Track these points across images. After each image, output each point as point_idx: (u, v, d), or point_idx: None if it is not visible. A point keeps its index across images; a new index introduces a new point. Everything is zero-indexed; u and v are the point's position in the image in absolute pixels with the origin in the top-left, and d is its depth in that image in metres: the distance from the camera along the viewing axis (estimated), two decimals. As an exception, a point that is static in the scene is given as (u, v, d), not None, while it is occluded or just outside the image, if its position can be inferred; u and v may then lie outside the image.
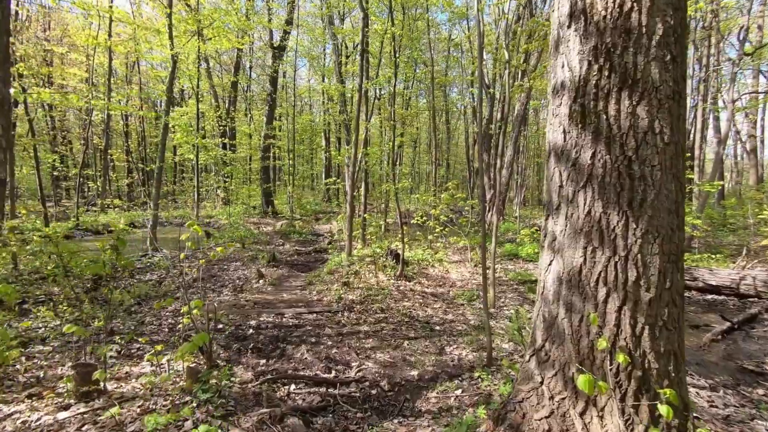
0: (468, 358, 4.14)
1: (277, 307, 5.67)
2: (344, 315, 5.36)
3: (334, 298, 5.91)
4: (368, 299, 5.87)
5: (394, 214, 17.70)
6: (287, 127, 22.46)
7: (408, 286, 6.76)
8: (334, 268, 7.19)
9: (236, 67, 20.76)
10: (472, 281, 7.47)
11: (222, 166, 13.87)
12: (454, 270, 8.26)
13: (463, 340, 4.64)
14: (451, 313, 5.69)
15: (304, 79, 30.46)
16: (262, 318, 5.17)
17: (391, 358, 4.13)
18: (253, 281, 7.17)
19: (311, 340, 4.50)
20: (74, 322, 4.25)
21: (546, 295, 2.20)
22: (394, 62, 6.66)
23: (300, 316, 5.31)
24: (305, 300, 6.03)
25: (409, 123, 18.12)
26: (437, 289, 6.80)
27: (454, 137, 32.55)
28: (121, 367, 3.44)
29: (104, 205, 15.94)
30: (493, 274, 5.80)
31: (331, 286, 6.44)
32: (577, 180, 2.03)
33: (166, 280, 7.25)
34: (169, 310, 5.55)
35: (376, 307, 5.54)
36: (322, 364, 3.88)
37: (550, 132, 2.22)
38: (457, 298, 6.33)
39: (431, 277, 7.50)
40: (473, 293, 6.47)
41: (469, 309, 5.89)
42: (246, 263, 8.77)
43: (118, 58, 24.76)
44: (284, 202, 21.25)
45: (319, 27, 21.88)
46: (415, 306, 5.83)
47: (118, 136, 25.91)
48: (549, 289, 2.18)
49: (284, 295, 6.26)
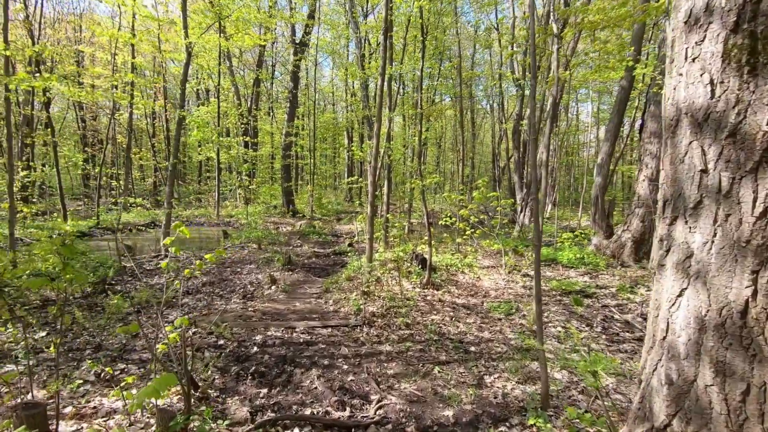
0: (515, 393, 3.34)
1: (288, 318, 5.02)
2: (363, 330, 4.65)
3: (352, 310, 5.21)
4: (391, 311, 5.14)
5: (417, 215, 16.92)
6: (309, 126, 22.06)
7: (436, 295, 5.99)
8: (353, 274, 6.50)
9: (259, 64, 20.48)
10: (507, 290, 6.62)
11: (242, 165, 13.47)
12: (486, 277, 7.42)
13: (505, 367, 3.84)
14: (487, 329, 4.89)
15: (327, 77, 30.08)
16: (269, 332, 4.52)
17: (418, 389, 3.39)
18: (265, 287, 6.57)
19: (324, 363, 3.81)
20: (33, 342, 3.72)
21: (673, 345, 1.40)
22: (421, 41, 5.90)
23: (313, 330, 4.63)
24: (320, 311, 5.36)
25: (434, 118, 17.32)
26: (469, 300, 6.00)
27: (479, 136, 31.53)
28: (92, 397, 2.84)
29: (126, 203, 15.86)
30: (537, 285, 4.96)
31: (350, 294, 5.74)
32: (738, 161, 1.24)
33: (174, 283, 6.75)
34: (169, 320, 5.00)
35: (400, 321, 4.80)
36: (335, 396, 3.18)
37: (678, 87, 1.42)
38: (492, 311, 5.52)
39: (461, 285, 6.69)
40: (511, 305, 5.63)
41: (508, 324, 5.07)
42: (260, 266, 8.21)
43: (145, 58, 25.05)
44: (305, 201, 20.82)
45: (341, 21, 21.37)
46: (445, 320, 5.05)
47: (144, 136, 26.22)
48: (679, 334, 1.38)
49: (297, 305, 5.61)
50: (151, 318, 4.99)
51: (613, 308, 5.91)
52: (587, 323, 5.29)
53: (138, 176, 23.96)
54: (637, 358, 4.33)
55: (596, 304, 6.07)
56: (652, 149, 8.33)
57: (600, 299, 6.28)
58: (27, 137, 13.11)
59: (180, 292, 5.93)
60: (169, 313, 5.28)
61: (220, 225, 16.14)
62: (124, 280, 6.86)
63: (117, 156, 24.77)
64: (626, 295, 6.38)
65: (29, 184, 13.56)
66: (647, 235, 8.31)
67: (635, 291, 6.62)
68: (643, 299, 6.27)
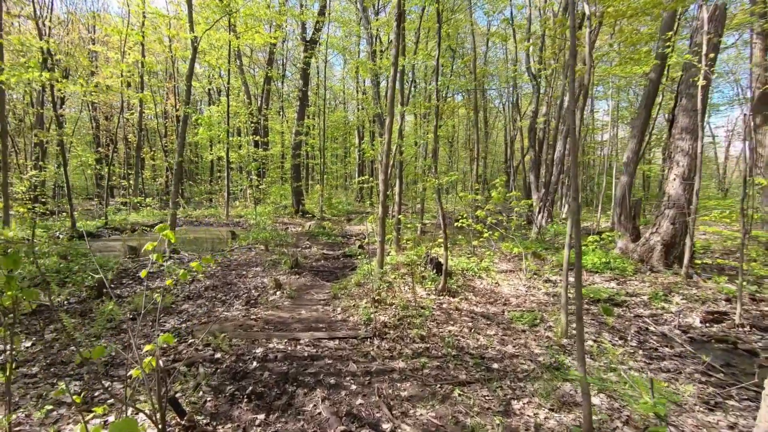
0: (549, 424, 2.89)
1: (292, 328, 4.64)
2: (374, 343, 4.24)
3: (362, 319, 4.80)
4: (404, 322, 4.71)
5: (429, 215, 16.45)
6: (320, 125, 21.75)
7: (452, 303, 5.54)
8: (363, 279, 6.09)
9: (269, 62, 20.25)
10: (529, 297, 6.14)
11: (251, 163, 13.20)
12: (504, 282, 6.95)
13: (534, 389, 3.39)
14: (511, 343, 4.43)
15: (337, 75, 29.75)
16: (271, 344, 4.15)
17: (437, 417, 2.96)
18: (270, 292, 6.21)
19: (329, 381, 3.41)
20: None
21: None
22: (437, 27, 5.47)
23: (318, 342, 4.23)
24: (327, 320, 4.96)
25: (447, 116, 16.82)
26: (488, 308, 5.54)
27: (492, 135, 30.93)
28: (65, 425, 2.49)
29: (135, 203, 15.75)
30: (565, 293, 4.49)
31: (359, 302, 5.34)
32: None
33: (176, 287, 6.44)
34: (165, 328, 4.66)
35: (415, 333, 4.38)
36: (341, 425, 2.77)
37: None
38: (514, 321, 5.05)
39: (479, 292, 6.23)
40: (535, 315, 5.16)
41: (533, 337, 4.60)
42: (267, 269, 7.86)
43: (158, 58, 25.07)
44: (315, 201, 20.53)
45: (352, 19, 21.03)
46: (463, 332, 4.61)
47: (156, 136, 26.27)
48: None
49: (303, 312, 5.23)
50: (147, 325, 4.65)
51: (647, 319, 5.39)
52: (620, 336, 4.79)
53: (149, 176, 23.97)
54: (682, 378, 3.84)
55: (627, 313, 5.55)
56: (683, 146, 7.75)
57: (631, 308, 5.76)
58: (35, 136, 13.04)
59: (180, 296, 5.60)
60: (166, 320, 4.95)
61: (229, 225, 15.92)
62: (123, 283, 6.58)
63: (128, 156, 24.85)
64: (660, 304, 5.84)
65: (38, 184, 13.48)
66: (678, 238, 7.72)
67: (669, 299, 6.08)
68: (679, 308, 5.73)
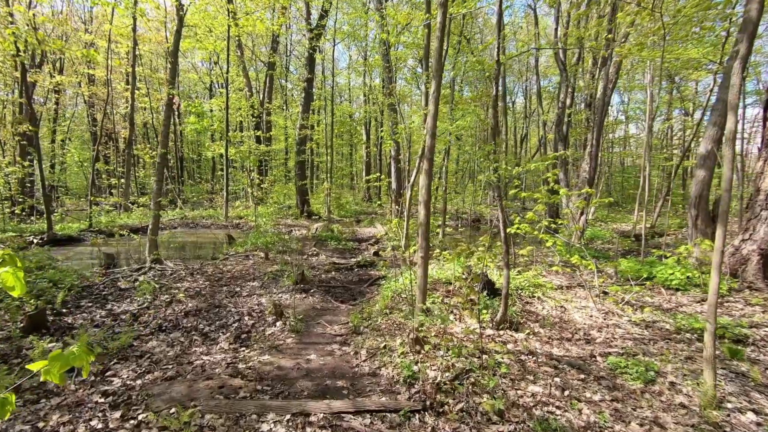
0: None
1: (298, 390, 3.12)
2: (426, 423, 2.71)
3: (401, 375, 3.27)
4: (463, 378, 3.18)
5: (444, 216, 14.90)
6: (326, 119, 20.25)
7: (518, 341, 4.00)
8: (391, 302, 4.57)
9: (273, 48, 18.77)
10: (613, 329, 4.58)
11: (248, 157, 11.73)
12: (570, 305, 5.39)
13: None
14: (632, 417, 2.88)
15: (343, 73, 28.18)
16: (264, 425, 2.63)
17: None
18: (268, 319, 4.70)
19: None
20: None
21: None
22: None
23: (339, 422, 2.71)
24: (347, 372, 3.44)
25: (472, 108, 15.24)
26: (569, 349, 3.99)
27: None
28: None
29: (125, 204, 14.34)
30: (713, 341, 2.94)
31: (392, 341, 3.80)
32: None
33: (148, 313, 4.95)
34: (110, 389, 3.17)
35: (487, 405, 2.84)
36: None
37: None
38: (617, 374, 3.50)
39: (546, 321, 4.68)
40: (641, 363, 3.60)
41: (659, 405, 3.05)
42: (266, 284, 6.37)
43: (156, 51, 23.70)
44: (321, 201, 19.03)
45: (358, 6, 19.48)
46: (553, 397, 3.07)
47: (152, 132, 24.90)
48: None
49: (312, 357, 3.71)
50: (86, 387, 3.16)
51: (797, 365, 3.82)
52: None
53: (144, 174, 22.58)
54: None
55: (763, 356, 3.98)
56: (786, 131, 6.16)
57: (762, 348, 4.18)
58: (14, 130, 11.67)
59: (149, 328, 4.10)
60: (117, 371, 3.45)
61: (228, 227, 14.47)
62: (81, 306, 5.10)
63: (128, 154, 23.51)
64: (801, 341, 4.26)
65: (13, 182, 12.10)
66: (780, 245, 6.13)
67: (807, 332, 4.49)
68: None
